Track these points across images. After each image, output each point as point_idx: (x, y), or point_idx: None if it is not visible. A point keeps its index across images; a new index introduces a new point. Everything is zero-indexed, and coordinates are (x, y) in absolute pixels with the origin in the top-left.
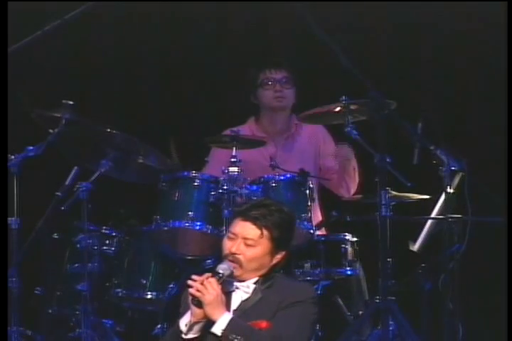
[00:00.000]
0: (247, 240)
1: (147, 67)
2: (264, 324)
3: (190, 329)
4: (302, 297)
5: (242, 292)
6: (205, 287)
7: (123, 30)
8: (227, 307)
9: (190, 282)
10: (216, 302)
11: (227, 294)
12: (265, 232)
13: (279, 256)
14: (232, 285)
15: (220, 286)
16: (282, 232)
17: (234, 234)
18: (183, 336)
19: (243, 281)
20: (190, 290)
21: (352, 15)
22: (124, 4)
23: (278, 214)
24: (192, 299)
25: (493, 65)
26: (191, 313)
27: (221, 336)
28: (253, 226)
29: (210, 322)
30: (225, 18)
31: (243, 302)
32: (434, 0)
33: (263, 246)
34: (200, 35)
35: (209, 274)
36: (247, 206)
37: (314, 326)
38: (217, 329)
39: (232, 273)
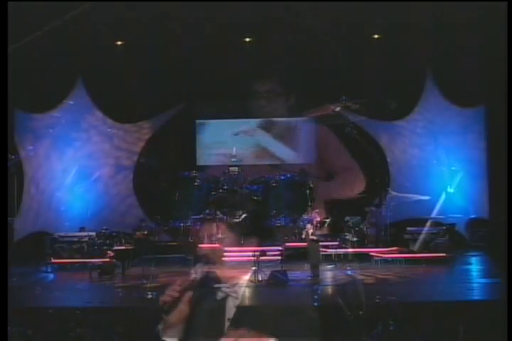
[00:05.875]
0: None
1: (147, 66)
2: None
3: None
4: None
5: (233, 298)
6: None
7: (123, 30)
8: (222, 316)
9: None
10: None
11: (220, 302)
12: None
13: None
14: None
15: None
16: None
17: None
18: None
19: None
20: None
21: (352, 15)
22: (124, 4)
23: None
24: None
25: (494, 64)
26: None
27: None
28: None
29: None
30: (226, 19)
31: (237, 309)
32: (435, 0)
33: None
34: (201, 36)
35: None
36: None
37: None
38: None
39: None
